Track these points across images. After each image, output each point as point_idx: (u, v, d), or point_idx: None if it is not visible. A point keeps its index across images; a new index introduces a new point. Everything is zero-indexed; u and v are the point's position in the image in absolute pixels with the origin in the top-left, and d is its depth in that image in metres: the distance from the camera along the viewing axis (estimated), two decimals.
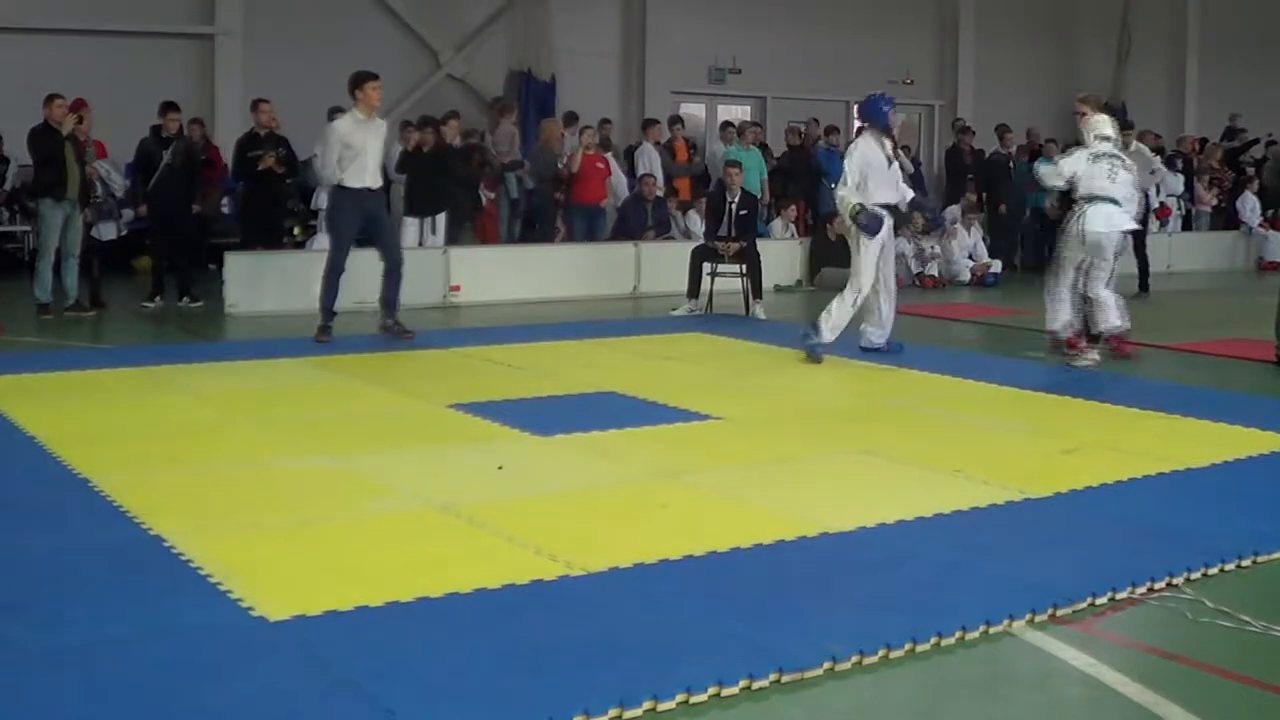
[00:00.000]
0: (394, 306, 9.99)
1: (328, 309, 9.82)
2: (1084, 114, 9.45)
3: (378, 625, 3.88)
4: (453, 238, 13.49)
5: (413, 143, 13.16)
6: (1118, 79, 21.96)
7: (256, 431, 6.69)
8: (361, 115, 9.69)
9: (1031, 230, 16.20)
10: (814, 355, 8.89)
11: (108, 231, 12.02)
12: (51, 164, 10.94)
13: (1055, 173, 9.34)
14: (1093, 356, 9.03)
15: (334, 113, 13.21)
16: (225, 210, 15.45)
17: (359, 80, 9.77)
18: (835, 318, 8.91)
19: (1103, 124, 9.22)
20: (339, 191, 9.77)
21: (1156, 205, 18.08)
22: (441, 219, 13.24)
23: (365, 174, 9.66)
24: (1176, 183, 18.43)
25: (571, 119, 15.76)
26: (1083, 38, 22.52)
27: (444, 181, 13.23)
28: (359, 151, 9.56)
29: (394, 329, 9.90)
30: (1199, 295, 14.61)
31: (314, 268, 12.28)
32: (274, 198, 13.02)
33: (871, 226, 8.91)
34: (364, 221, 9.82)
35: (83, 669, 3.55)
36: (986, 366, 9.02)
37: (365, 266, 12.62)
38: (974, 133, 18.34)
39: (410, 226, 13.10)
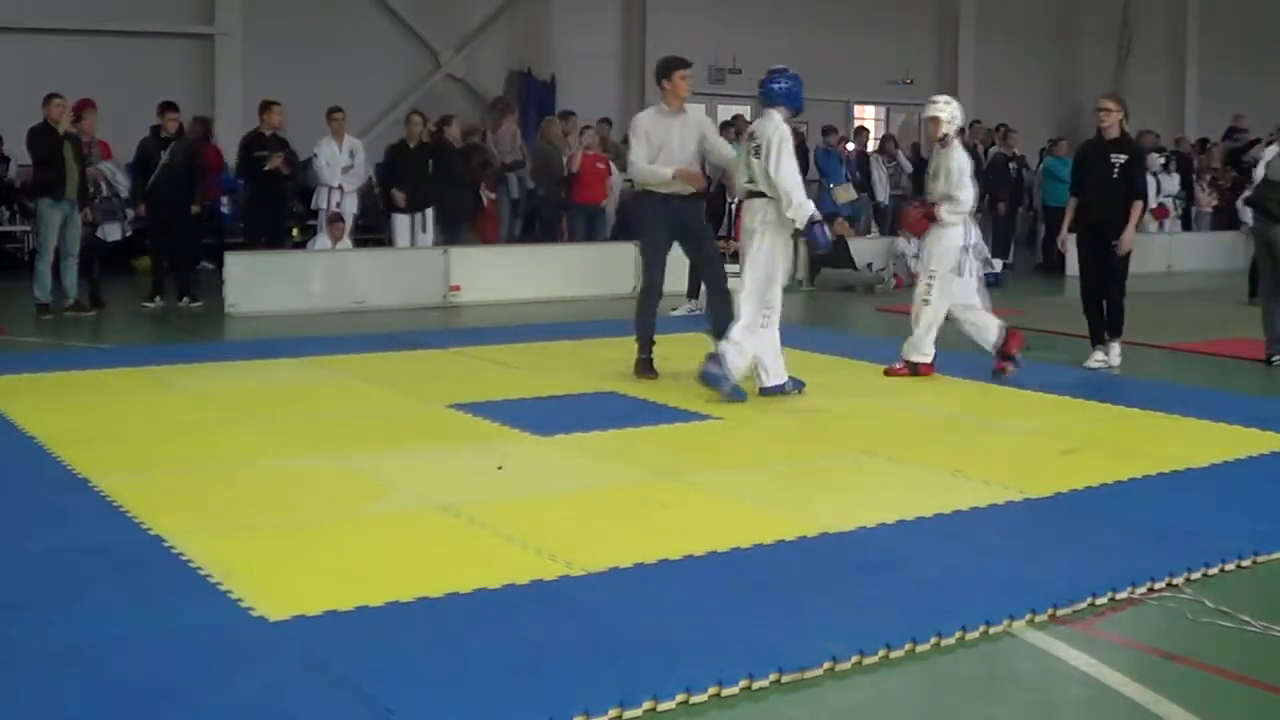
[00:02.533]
0: (723, 334, 7.83)
1: (648, 339, 8.31)
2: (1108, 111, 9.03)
3: (378, 625, 3.88)
4: (453, 238, 13.50)
5: (414, 135, 13.17)
6: (1118, 79, 21.95)
7: (256, 431, 6.69)
8: (668, 107, 8.16)
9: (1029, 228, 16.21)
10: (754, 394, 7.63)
11: (113, 232, 12.01)
12: (49, 164, 10.95)
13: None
14: (1100, 358, 9.01)
15: (333, 113, 13.29)
16: (225, 210, 15.47)
17: (666, 68, 8.19)
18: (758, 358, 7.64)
19: None
20: (645, 196, 8.30)
21: (1154, 205, 18.11)
22: (430, 215, 13.27)
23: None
24: (1172, 183, 18.44)
25: (567, 117, 15.73)
26: (1083, 38, 22.53)
27: (433, 178, 13.26)
28: (660, 149, 8.08)
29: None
30: (1199, 295, 14.59)
31: (314, 268, 12.37)
32: (278, 198, 13.04)
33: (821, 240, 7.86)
34: (673, 232, 8.26)
35: (83, 669, 3.55)
36: (986, 366, 9.01)
37: (366, 266, 12.69)
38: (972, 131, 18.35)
39: (400, 223, 13.15)
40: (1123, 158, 8.86)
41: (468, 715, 3.30)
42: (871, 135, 18.86)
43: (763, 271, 7.65)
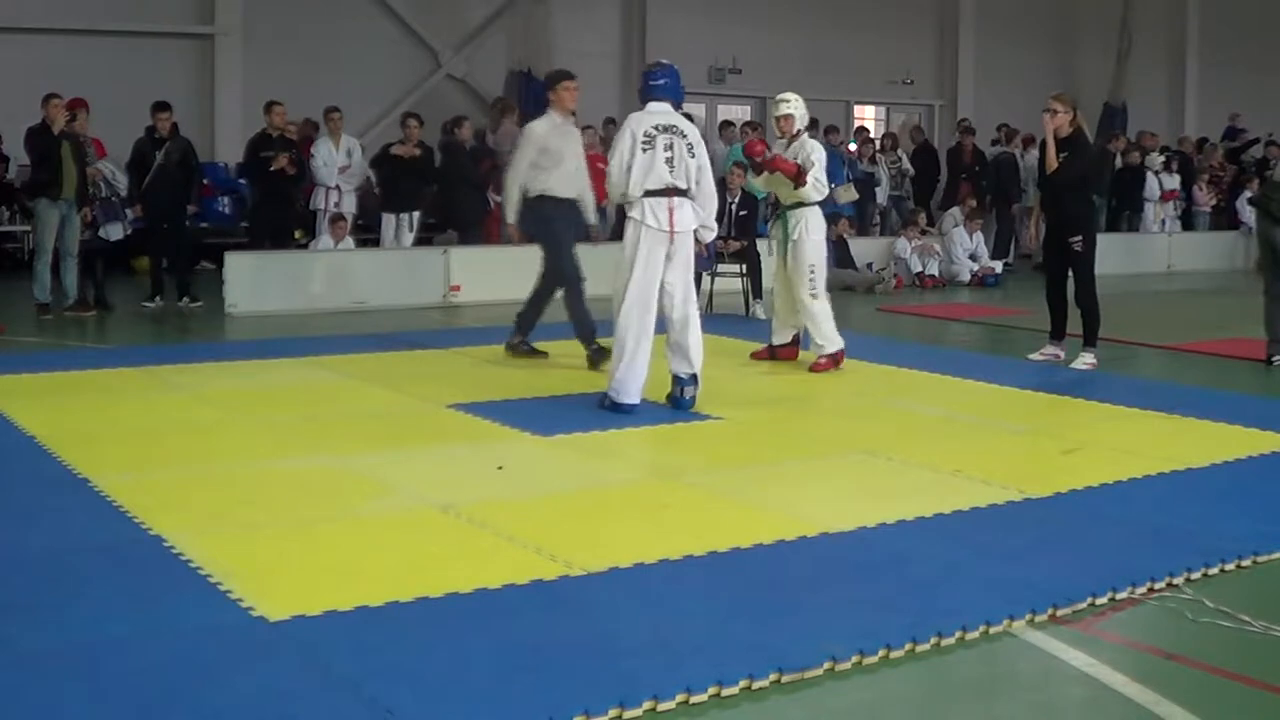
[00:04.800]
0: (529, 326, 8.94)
1: (594, 330, 8.60)
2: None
3: (378, 625, 3.87)
4: (464, 239, 13.55)
5: (412, 138, 13.18)
6: (1118, 79, 21.96)
7: (256, 431, 6.69)
8: (559, 118, 8.70)
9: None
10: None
11: (115, 232, 12.00)
12: (46, 163, 10.95)
13: None
14: (1089, 360, 9.00)
15: (330, 113, 13.29)
16: (225, 210, 15.49)
17: (553, 80, 8.87)
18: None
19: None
20: (542, 202, 8.59)
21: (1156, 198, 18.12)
22: (416, 217, 13.36)
23: (570, 181, 8.66)
24: (1172, 183, 18.47)
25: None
26: (1083, 38, 22.53)
27: (421, 181, 13.33)
28: (559, 157, 8.55)
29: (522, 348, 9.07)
30: (1198, 295, 14.60)
31: (314, 268, 12.37)
32: (284, 199, 13.05)
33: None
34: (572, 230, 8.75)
35: (83, 669, 3.55)
36: (986, 366, 9.02)
37: (366, 266, 12.69)
38: (974, 132, 18.35)
39: (387, 223, 13.20)
40: (1064, 154, 8.90)
41: (468, 715, 3.30)
42: (870, 135, 18.84)
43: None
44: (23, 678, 3.49)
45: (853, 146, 17.06)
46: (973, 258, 15.42)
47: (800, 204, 8.70)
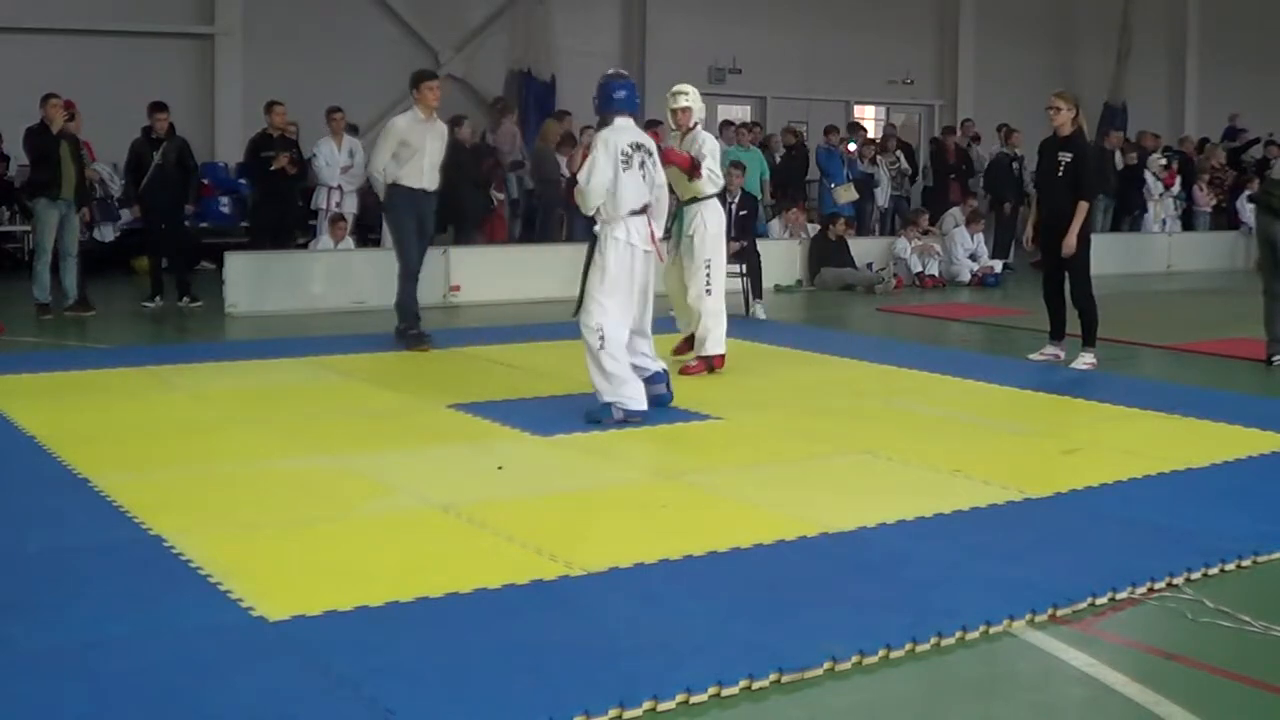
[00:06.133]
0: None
1: (415, 314, 9.56)
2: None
3: (378, 625, 3.88)
4: (464, 239, 13.53)
5: None
6: (1118, 79, 21.96)
7: (256, 431, 6.69)
8: (421, 115, 9.43)
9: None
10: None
11: (107, 234, 12.00)
12: (45, 163, 10.95)
13: None
14: (1089, 360, 8.99)
15: (332, 113, 13.31)
16: (225, 210, 15.48)
17: (415, 79, 9.57)
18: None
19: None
20: (395, 190, 9.48)
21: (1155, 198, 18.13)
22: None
23: (422, 174, 9.40)
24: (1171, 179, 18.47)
25: (565, 117, 15.71)
26: (1083, 38, 22.52)
27: (445, 178, 13.26)
28: (416, 151, 9.31)
29: (408, 335, 9.72)
30: (1198, 295, 14.60)
31: (314, 268, 12.37)
32: (285, 198, 13.04)
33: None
34: (417, 222, 9.55)
35: (83, 669, 3.55)
36: (986, 366, 9.02)
37: (366, 266, 12.68)
38: (955, 131, 18.37)
39: None
40: (1068, 156, 8.82)
41: (468, 715, 3.30)
42: (869, 134, 18.84)
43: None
44: (23, 678, 3.49)
45: (852, 146, 17.06)
46: (973, 258, 15.42)
47: (696, 198, 8.54)
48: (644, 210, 7.14)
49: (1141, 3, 22.07)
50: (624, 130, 7.15)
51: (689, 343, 8.86)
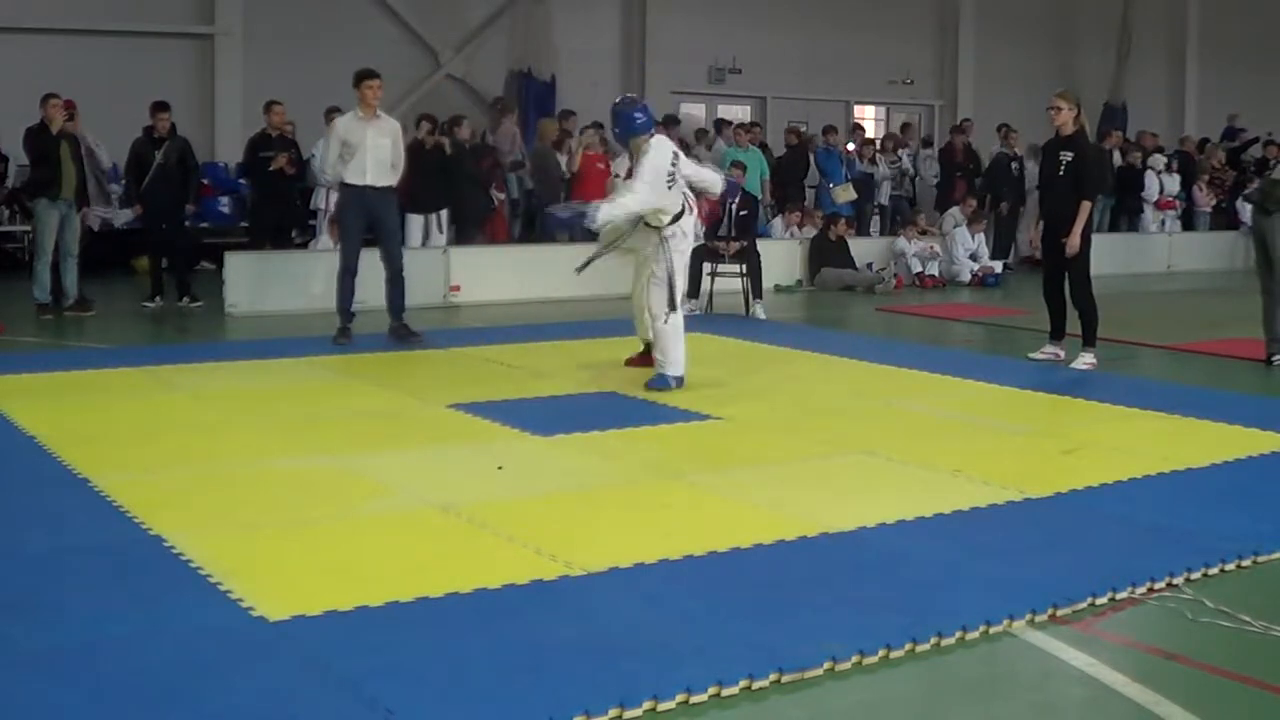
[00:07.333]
0: (399, 311, 9.98)
1: (345, 310, 9.85)
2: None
3: (378, 625, 3.87)
4: (465, 238, 13.52)
5: (426, 139, 13.16)
6: (1118, 79, 21.96)
7: (256, 431, 6.69)
8: (361, 113, 9.76)
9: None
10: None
11: (95, 221, 11.95)
12: (45, 163, 10.95)
13: None
14: (1089, 360, 8.98)
15: (331, 113, 13.29)
16: (225, 210, 15.48)
17: (356, 79, 9.90)
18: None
19: None
20: (342, 189, 9.90)
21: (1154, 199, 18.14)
22: (445, 215, 13.34)
23: (364, 171, 9.67)
24: (1173, 183, 18.46)
25: (567, 117, 15.71)
26: (1083, 38, 22.53)
27: (448, 179, 13.27)
28: (357, 148, 9.64)
29: (400, 332, 9.89)
30: (1198, 295, 14.60)
31: (314, 268, 12.35)
32: (284, 198, 13.03)
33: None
34: (368, 219, 9.84)
35: (83, 669, 3.55)
36: (986, 366, 9.02)
37: (366, 266, 12.65)
38: (965, 131, 18.36)
39: (414, 223, 13.16)
40: (1069, 155, 8.80)
41: (468, 715, 3.30)
42: (868, 134, 18.85)
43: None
44: (23, 678, 3.49)
45: (851, 146, 17.07)
46: (973, 258, 15.42)
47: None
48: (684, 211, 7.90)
49: (1141, 3, 22.08)
50: (660, 149, 7.82)
51: (645, 356, 8.32)
